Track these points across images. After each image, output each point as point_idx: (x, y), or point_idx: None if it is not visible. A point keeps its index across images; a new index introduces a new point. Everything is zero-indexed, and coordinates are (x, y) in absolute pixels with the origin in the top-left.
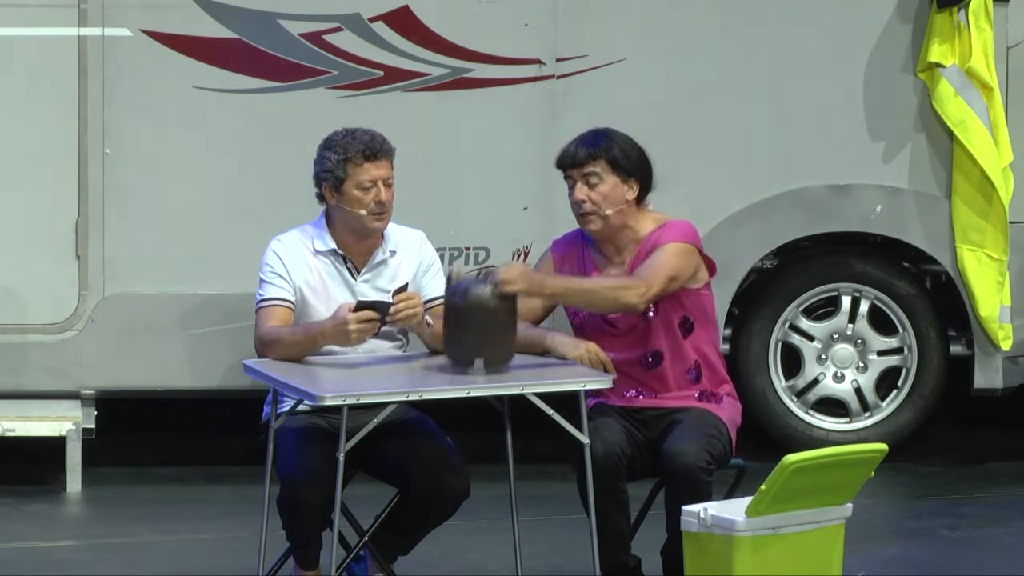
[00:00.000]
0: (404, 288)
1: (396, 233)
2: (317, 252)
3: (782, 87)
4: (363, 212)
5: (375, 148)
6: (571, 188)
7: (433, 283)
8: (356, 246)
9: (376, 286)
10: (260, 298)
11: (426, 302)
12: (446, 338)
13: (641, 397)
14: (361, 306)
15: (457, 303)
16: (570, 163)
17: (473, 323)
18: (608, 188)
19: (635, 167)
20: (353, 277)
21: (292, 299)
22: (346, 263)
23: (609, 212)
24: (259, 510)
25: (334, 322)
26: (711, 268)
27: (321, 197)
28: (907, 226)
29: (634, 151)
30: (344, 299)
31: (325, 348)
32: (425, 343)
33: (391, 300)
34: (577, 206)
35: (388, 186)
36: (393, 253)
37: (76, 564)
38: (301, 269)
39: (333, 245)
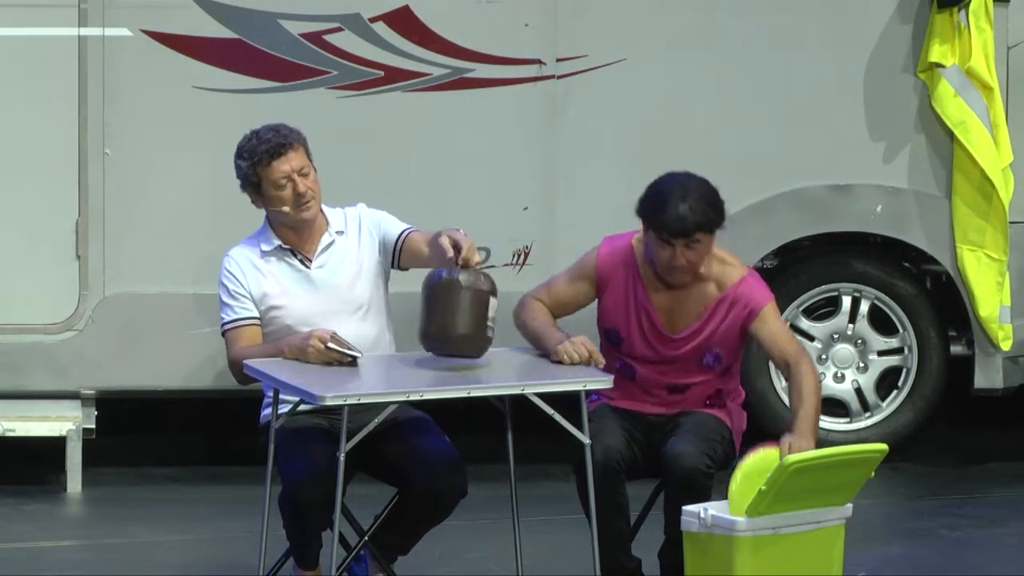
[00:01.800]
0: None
1: (338, 213)
2: (264, 253)
3: (782, 87)
4: (286, 208)
5: (278, 144)
6: (667, 250)
7: (395, 225)
8: (300, 238)
9: (331, 270)
10: (223, 321)
11: (401, 234)
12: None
13: (649, 405)
14: (339, 340)
15: (431, 283)
16: (679, 234)
17: (441, 299)
18: (705, 249)
19: (721, 218)
20: (306, 266)
21: (255, 315)
22: (295, 255)
23: (703, 270)
24: (259, 510)
25: (301, 338)
26: None
27: (252, 201)
28: (907, 226)
29: (719, 202)
30: (303, 291)
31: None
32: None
33: (360, 354)
34: (674, 269)
35: (304, 175)
36: (341, 233)
37: (76, 564)
38: (254, 275)
39: (278, 242)
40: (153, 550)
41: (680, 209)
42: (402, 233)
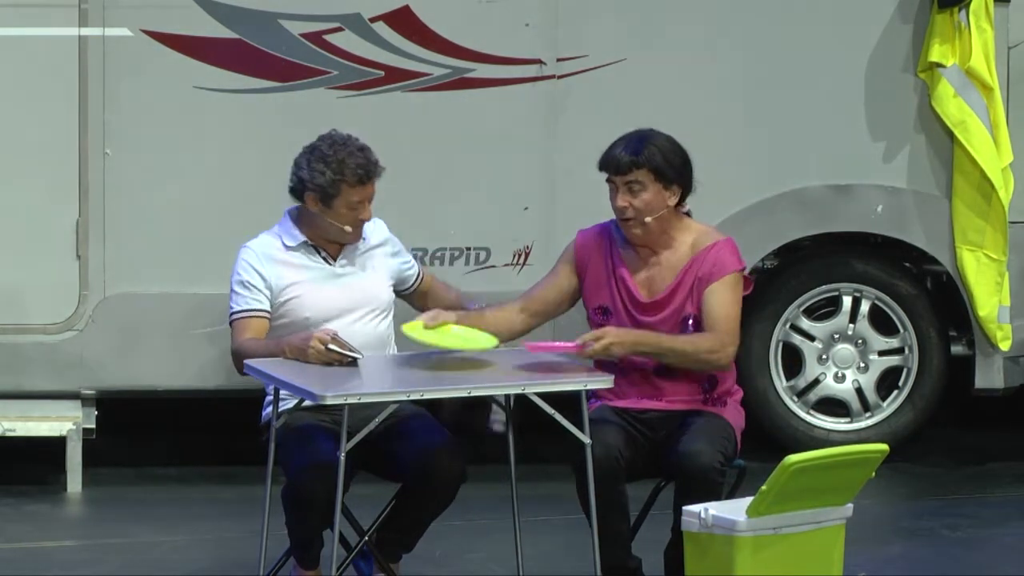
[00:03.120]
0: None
1: None
2: (288, 248)
3: (782, 87)
4: (349, 228)
5: (370, 172)
6: (613, 193)
7: (411, 266)
8: (327, 242)
9: (353, 269)
10: (232, 311)
11: (410, 287)
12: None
13: (645, 400)
14: (339, 341)
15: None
16: (613, 170)
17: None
18: (650, 196)
19: (677, 174)
20: (329, 264)
21: (265, 308)
22: (319, 252)
23: (650, 219)
24: (259, 510)
25: (302, 338)
26: (747, 284)
27: (297, 196)
28: (908, 226)
29: (677, 157)
30: (325, 285)
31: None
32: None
33: (363, 355)
34: (619, 212)
35: (370, 201)
36: (364, 239)
37: (76, 564)
38: (275, 269)
39: (303, 238)
40: (153, 550)
41: (620, 147)
42: (413, 284)
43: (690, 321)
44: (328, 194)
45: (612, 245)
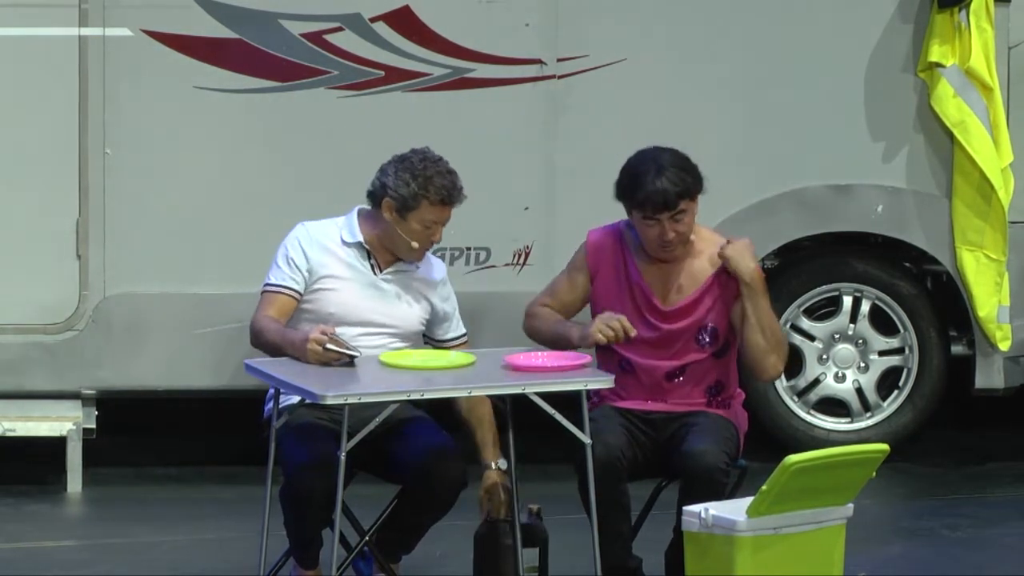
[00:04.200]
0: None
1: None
2: (344, 242)
3: (782, 87)
4: (416, 244)
5: (453, 195)
6: (652, 227)
7: (455, 324)
8: (384, 251)
9: (393, 286)
10: (267, 281)
11: (447, 339)
12: None
13: (650, 402)
14: (337, 340)
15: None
16: (661, 208)
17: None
18: (690, 217)
19: (699, 183)
20: (375, 273)
21: (297, 289)
22: (370, 258)
23: (693, 238)
24: (259, 510)
25: (302, 337)
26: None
27: (373, 201)
28: (908, 226)
29: (694, 168)
30: (362, 287)
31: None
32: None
33: (360, 353)
34: (664, 243)
35: (443, 226)
36: (416, 266)
37: (76, 564)
38: (323, 252)
39: (361, 239)
40: (153, 550)
41: (659, 183)
42: (448, 341)
43: (707, 332)
44: (407, 206)
45: (624, 250)
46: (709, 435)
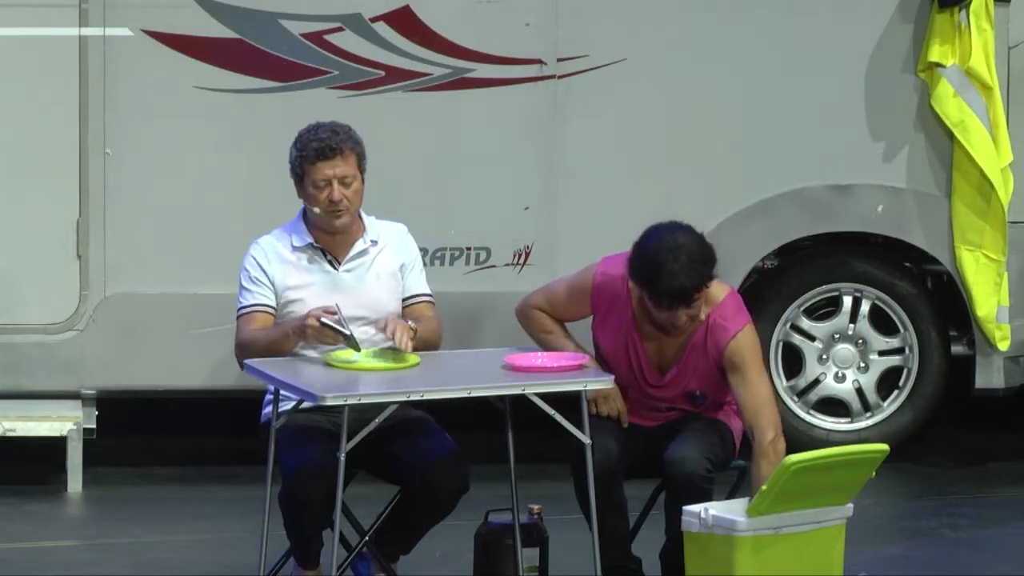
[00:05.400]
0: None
1: (378, 224)
2: (295, 248)
3: (782, 87)
4: (318, 210)
5: (330, 146)
6: (664, 313)
7: (415, 281)
8: (333, 240)
9: (361, 279)
10: (240, 306)
11: (408, 298)
12: None
13: (642, 420)
14: (330, 324)
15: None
16: (679, 303)
17: None
18: (703, 298)
19: (714, 269)
20: (334, 268)
21: (271, 303)
22: (325, 256)
23: (703, 317)
24: (259, 510)
25: (300, 318)
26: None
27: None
28: (908, 226)
29: (711, 254)
30: (326, 291)
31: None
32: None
33: (350, 332)
34: (674, 326)
35: (346, 184)
36: (374, 243)
37: (76, 564)
38: (280, 267)
39: (310, 239)
40: (153, 550)
41: (676, 281)
42: (411, 297)
43: (695, 398)
44: (297, 174)
45: (628, 306)
46: (692, 441)
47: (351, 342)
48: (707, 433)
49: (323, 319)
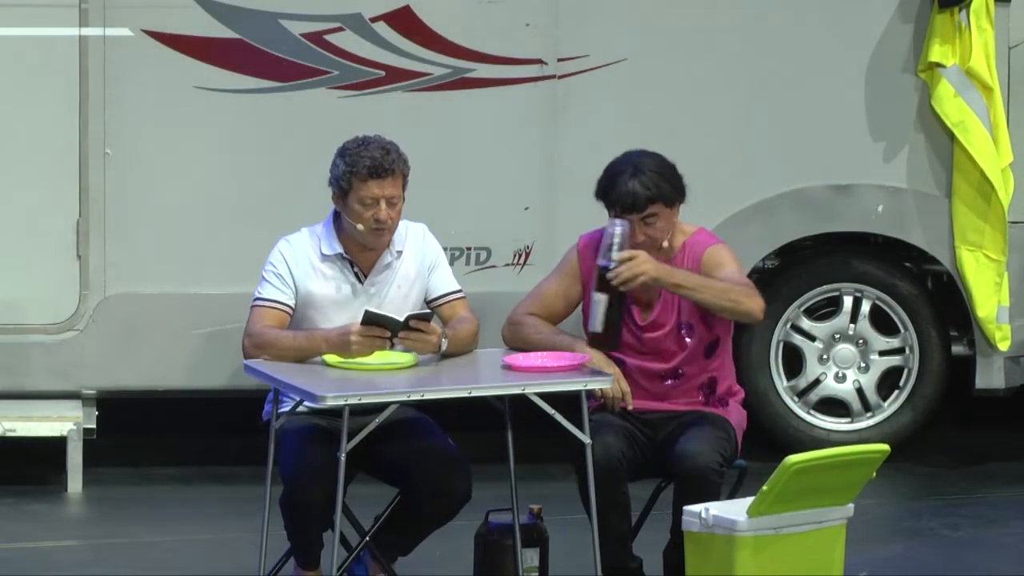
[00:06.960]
0: (426, 318)
1: (400, 230)
2: (324, 256)
3: (782, 87)
4: (361, 227)
5: (382, 166)
6: (625, 223)
7: (440, 280)
8: (362, 251)
9: (383, 293)
10: (258, 296)
11: (434, 299)
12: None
13: (649, 402)
14: (369, 319)
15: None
16: (629, 209)
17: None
18: (664, 223)
19: (679, 193)
20: (360, 282)
21: (290, 304)
22: (352, 267)
23: (665, 244)
24: (259, 510)
25: (339, 332)
26: None
27: (332, 197)
28: (908, 226)
29: (674, 175)
30: (349, 304)
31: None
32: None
33: (402, 320)
34: (634, 244)
35: (392, 204)
36: (399, 254)
37: (76, 564)
38: (306, 273)
39: (340, 249)
40: (153, 550)
41: (631, 184)
42: (439, 297)
43: (684, 328)
44: (343, 188)
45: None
46: (702, 435)
47: (395, 326)
48: (715, 429)
49: (369, 310)
